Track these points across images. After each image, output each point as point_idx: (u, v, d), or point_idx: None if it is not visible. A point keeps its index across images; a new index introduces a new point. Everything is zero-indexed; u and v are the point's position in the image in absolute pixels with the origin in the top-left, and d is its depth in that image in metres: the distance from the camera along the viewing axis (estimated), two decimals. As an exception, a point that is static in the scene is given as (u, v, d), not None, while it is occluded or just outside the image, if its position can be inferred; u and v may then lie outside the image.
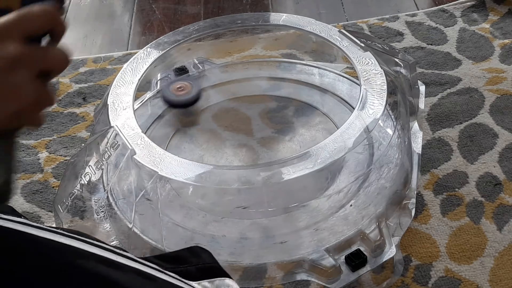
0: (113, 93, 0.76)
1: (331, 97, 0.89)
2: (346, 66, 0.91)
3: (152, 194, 0.69)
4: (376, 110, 0.69)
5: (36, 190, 0.85)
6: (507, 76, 0.97)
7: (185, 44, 0.85)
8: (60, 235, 0.43)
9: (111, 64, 1.08)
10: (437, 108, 0.92)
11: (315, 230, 0.69)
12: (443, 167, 0.83)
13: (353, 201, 0.72)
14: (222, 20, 0.88)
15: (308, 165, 0.64)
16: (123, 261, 0.44)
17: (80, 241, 0.44)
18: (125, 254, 0.46)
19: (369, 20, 1.13)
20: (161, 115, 0.88)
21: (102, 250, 0.44)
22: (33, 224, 0.43)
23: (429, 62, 1.01)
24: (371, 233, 0.68)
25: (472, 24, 1.09)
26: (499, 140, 0.87)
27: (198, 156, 0.82)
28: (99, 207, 0.75)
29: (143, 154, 0.67)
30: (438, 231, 0.76)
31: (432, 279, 0.71)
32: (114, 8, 1.28)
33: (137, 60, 0.81)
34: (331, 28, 0.83)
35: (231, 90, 0.92)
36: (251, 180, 0.65)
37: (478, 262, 0.72)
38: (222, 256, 0.67)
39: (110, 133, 0.70)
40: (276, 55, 1.03)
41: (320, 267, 0.65)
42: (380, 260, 0.66)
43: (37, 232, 0.42)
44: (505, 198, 0.79)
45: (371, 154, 0.74)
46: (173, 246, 0.68)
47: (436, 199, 0.79)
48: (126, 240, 0.71)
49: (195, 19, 1.20)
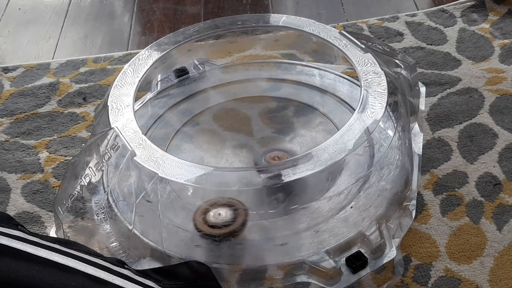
0: (113, 94, 0.76)
1: (331, 98, 0.89)
2: (346, 67, 0.91)
3: (152, 196, 0.69)
4: (376, 112, 0.69)
5: (37, 190, 0.85)
6: (506, 76, 0.97)
7: (186, 45, 0.85)
8: (55, 253, 0.43)
9: (111, 64, 1.08)
10: (437, 108, 0.92)
11: (315, 232, 0.69)
12: (443, 167, 0.84)
13: (354, 203, 0.72)
14: (223, 21, 0.88)
15: (309, 167, 0.64)
16: (119, 283, 0.44)
17: (76, 259, 0.44)
18: (121, 272, 0.45)
19: (369, 20, 1.13)
20: (161, 116, 0.88)
21: (98, 270, 0.44)
22: (29, 239, 0.43)
23: (429, 62, 1.01)
24: (371, 234, 0.68)
25: (472, 24, 1.09)
26: (499, 140, 0.87)
27: (199, 157, 0.82)
28: (99, 208, 0.75)
29: (143, 156, 0.67)
30: (438, 231, 0.76)
31: (432, 279, 0.71)
32: (114, 8, 1.28)
33: (137, 61, 0.81)
34: (331, 29, 0.83)
35: (232, 91, 0.92)
36: (251, 181, 0.65)
37: (477, 262, 0.72)
38: (222, 258, 0.67)
39: (110, 134, 0.70)
40: (276, 56, 1.03)
41: (320, 269, 0.65)
42: (380, 262, 0.67)
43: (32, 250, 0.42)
44: (505, 198, 0.79)
45: (371, 156, 0.74)
46: (173, 248, 0.68)
47: (436, 199, 0.79)
48: (126, 242, 0.71)
49: (195, 19, 1.20)
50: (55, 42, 1.17)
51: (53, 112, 0.98)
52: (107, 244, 0.72)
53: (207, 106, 0.90)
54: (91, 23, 1.23)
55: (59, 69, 1.07)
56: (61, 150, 0.92)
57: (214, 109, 0.90)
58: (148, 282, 0.46)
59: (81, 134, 0.94)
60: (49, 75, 1.06)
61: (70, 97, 1.01)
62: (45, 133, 0.95)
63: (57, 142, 0.93)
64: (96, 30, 1.21)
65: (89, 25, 1.23)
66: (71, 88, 1.03)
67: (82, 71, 1.07)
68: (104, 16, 1.25)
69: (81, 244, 0.52)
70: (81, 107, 0.99)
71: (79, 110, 0.99)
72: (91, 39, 1.18)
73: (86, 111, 0.98)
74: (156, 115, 0.88)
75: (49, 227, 0.80)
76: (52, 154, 0.91)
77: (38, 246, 0.44)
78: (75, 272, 0.43)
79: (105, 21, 1.23)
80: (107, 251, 0.72)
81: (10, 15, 1.27)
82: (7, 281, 0.40)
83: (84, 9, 1.27)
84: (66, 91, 1.02)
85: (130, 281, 0.45)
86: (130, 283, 0.44)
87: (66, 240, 0.67)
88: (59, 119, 0.97)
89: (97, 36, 1.19)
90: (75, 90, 1.03)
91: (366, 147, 0.73)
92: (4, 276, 0.40)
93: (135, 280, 0.45)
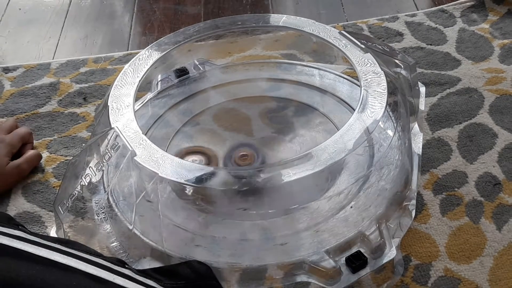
0: (113, 94, 0.76)
1: (331, 98, 0.89)
2: (346, 67, 0.92)
3: (152, 196, 0.69)
4: (376, 112, 0.69)
5: (37, 190, 0.86)
6: (506, 76, 0.97)
7: (186, 45, 0.85)
8: (56, 252, 0.43)
9: (112, 64, 1.08)
10: (436, 108, 0.92)
11: (315, 232, 0.69)
12: (443, 167, 0.84)
13: (354, 203, 0.72)
14: (223, 21, 0.88)
15: (309, 167, 0.64)
16: (121, 282, 0.44)
17: (77, 259, 0.44)
18: (122, 271, 0.45)
19: (368, 20, 1.13)
20: (161, 116, 0.88)
21: (99, 270, 0.44)
22: (29, 238, 0.43)
23: (428, 62, 1.01)
24: (371, 234, 0.68)
25: (471, 24, 1.09)
26: (499, 140, 0.87)
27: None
28: (99, 208, 0.75)
29: (143, 156, 0.67)
30: (438, 231, 0.76)
31: (432, 278, 0.71)
32: (114, 8, 1.28)
33: (137, 61, 0.82)
34: (331, 29, 0.83)
35: (232, 91, 0.93)
36: (251, 181, 0.65)
37: (477, 262, 0.72)
38: (222, 258, 0.67)
39: (110, 134, 0.70)
40: (276, 56, 1.03)
41: (320, 268, 0.65)
42: (380, 261, 0.67)
43: (33, 249, 0.42)
44: (505, 198, 0.79)
45: (371, 156, 0.74)
46: (173, 248, 0.68)
47: (435, 199, 0.79)
48: (126, 241, 0.71)
49: (195, 20, 1.20)
50: (56, 42, 1.17)
51: (53, 112, 0.99)
52: (108, 244, 0.72)
53: (207, 106, 0.91)
54: (92, 23, 1.23)
55: (59, 69, 1.08)
56: (61, 150, 0.92)
57: (214, 109, 0.90)
58: (149, 282, 0.46)
59: (82, 134, 0.94)
60: (50, 75, 1.06)
61: (71, 97, 1.01)
62: (46, 133, 0.95)
63: (58, 142, 0.93)
64: (96, 30, 1.21)
65: (89, 25, 1.23)
66: (72, 88, 1.03)
67: (82, 71, 1.07)
68: (104, 16, 1.25)
69: (81, 244, 0.52)
70: (82, 107, 0.99)
71: (80, 110, 0.99)
72: (92, 39, 1.19)
73: (86, 111, 0.98)
74: (157, 115, 0.89)
75: (49, 227, 0.80)
76: (53, 154, 0.91)
77: (38, 245, 0.45)
78: (76, 272, 0.43)
79: (106, 21, 1.24)
80: (107, 251, 0.72)
81: (10, 15, 1.27)
82: (8, 281, 0.40)
83: (84, 9, 1.27)
84: (67, 91, 1.02)
85: (131, 280, 0.45)
86: (131, 282, 0.44)
87: (66, 240, 0.68)
88: (60, 119, 0.97)
89: (98, 36, 1.19)
90: (76, 90, 1.03)
91: (366, 147, 0.73)
92: (5, 276, 0.41)
93: (136, 280, 0.45)
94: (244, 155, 0.80)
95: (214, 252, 0.68)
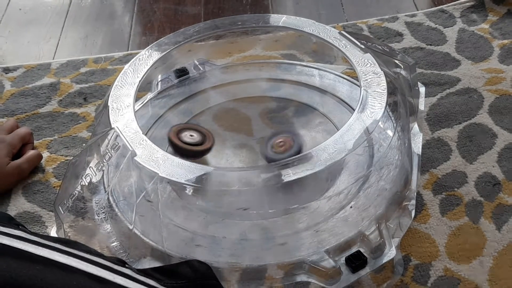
0: (114, 94, 0.76)
1: (331, 98, 0.89)
2: (346, 67, 0.92)
3: (152, 196, 0.69)
4: (376, 112, 0.70)
5: (37, 190, 0.86)
6: (506, 77, 0.97)
7: (186, 46, 0.86)
8: (56, 252, 0.43)
9: (112, 65, 1.08)
10: (436, 108, 0.92)
11: (315, 232, 0.69)
12: (442, 167, 0.84)
13: (353, 203, 0.72)
14: (223, 22, 0.88)
15: (308, 167, 0.64)
16: (121, 282, 0.44)
17: (77, 259, 0.44)
18: (123, 271, 0.45)
19: (368, 20, 1.13)
20: (161, 116, 0.88)
21: (99, 269, 0.44)
22: (30, 238, 0.43)
23: (428, 63, 1.02)
24: (371, 234, 0.68)
25: (471, 24, 1.10)
26: (498, 140, 0.87)
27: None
28: (99, 208, 0.75)
29: (143, 156, 0.67)
30: (437, 231, 0.76)
31: (431, 278, 0.71)
32: (114, 8, 1.28)
33: (137, 61, 0.82)
34: (331, 30, 0.83)
35: (232, 91, 0.93)
36: (251, 181, 0.65)
37: (477, 262, 0.72)
38: (222, 257, 0.67)
39: (111, 134, 0.71)
40: (276, 56, 1.04)
41: (320, 268, 0.66)
42: (380, 261, 0.67)
43: (33, 249, 0.42)
44: (504, 198, 0.79)
45: (371, 156, 0.75)
46: (173, 248, 0.68)
47: (435, 198, 0.80)
48: (126, 241, 0.72)
49: (196, 20, 1.20)
50: (56, 42, 1.17)
51: (53, 112, 0.99)
52: (108, 243, 0.72)
53: (207, 106, 0.91)
54: (92, 23, 1.23)
55: (59, 69, 1.08)
56: (61, 150, 0.92)
57: (214, 109, 0.90)
58: (149, 281, 0.46)
59: (82, 134, 0.94)
60: (50, 75, 1.06)
61: (71, 97, 1.01)
62: (46, 133, 0.95)
63: (58, 142, 0.93)
64: (96, 31, 1.21)
65: (89, 25, 1.23)
66: (72, 88, 1.03)
67: (82, 71, 1.07)
68: (104, 16, 1.25)
69: (82, 244, 0.52)
70: (82, 107, 0.99)
71: (80, 110, 0.99)
72: (92, 39, 1.19)
73: (86, 111, 0.98)
74: (157, 115, 0.89)
75: (49, 227, 0.80)
76: (53, 154, 0.91)
77: (39, 245, 0.45)
78: (76, 272, 0.43)
79: (106, 22, 1.24)
80: (107, 251, 0.72)
81: (10, 15, 1.27)
82: (9, 281, 0.41)
83: (84, 10, 1.28)
84: (67, 91, 1.03)
85: (132, 280, 0.45)
86: (132, 282, 0.45)
87: (67, 240, 0.68)
88: (60, 119, 0.97)
89: (98, 36, 1.19)
90: (76, 90, 1.03)
91: (366, 147, 0.74)
92: (6, 275, 0.41)
93: (136, 279, 0.45)
94: (281, 142, 0.79)
95: (214, 252, 0.68)
